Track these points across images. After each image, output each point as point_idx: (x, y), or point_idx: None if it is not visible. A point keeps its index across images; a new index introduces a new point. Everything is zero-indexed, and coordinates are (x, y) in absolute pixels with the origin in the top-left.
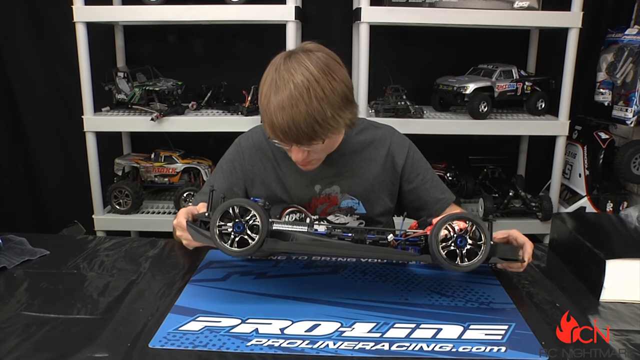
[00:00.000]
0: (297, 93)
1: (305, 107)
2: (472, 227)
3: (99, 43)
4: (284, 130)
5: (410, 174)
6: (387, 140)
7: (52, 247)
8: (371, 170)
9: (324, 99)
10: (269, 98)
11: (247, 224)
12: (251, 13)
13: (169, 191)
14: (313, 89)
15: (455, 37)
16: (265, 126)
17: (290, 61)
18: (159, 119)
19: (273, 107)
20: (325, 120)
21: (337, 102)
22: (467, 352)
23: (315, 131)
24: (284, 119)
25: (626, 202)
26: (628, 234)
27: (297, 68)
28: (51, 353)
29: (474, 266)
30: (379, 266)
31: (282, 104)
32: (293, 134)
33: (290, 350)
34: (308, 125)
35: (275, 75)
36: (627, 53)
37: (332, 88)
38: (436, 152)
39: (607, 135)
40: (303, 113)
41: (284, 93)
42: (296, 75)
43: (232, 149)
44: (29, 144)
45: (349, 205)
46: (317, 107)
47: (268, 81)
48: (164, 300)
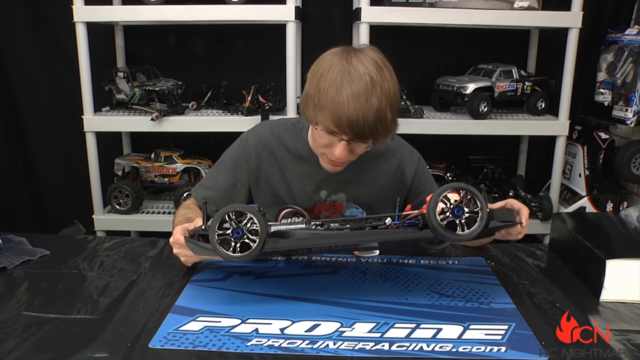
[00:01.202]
0: (372, 87)
1: (377, 103)
2: (467, 197)
3: (99, 43)
4: (351, 121)
5: (417, 188)
6: (397, 152)
7: (52, 247)
8: (379, 181)
9: (389, 100)
10: (339, 85)
11: (246, 228)
12: (251, 13)
13: (169, 191)
14: (385, 87)
15: (455, 37)
16: (325, 114)
17: (358, 55)
18: (159, 119)
19: (346, 96)
20: (386, 121)
21: (395, 106)
22: (467, 352)
23: (377, 130)
24: (355, 110)
25: (626, 202)
26: (628, 234)
27: (370, 62)
28: (51, 353)
29: (475, 232)
30: (379, 266)
31: (357, 94)
32: (359, 127)
33: (290, 350)
34: (374, 121)
35: (347, 65)
36: (627, 53)
37: (395, 91)
38: (436, 152)
39: (607, 135)
40: (374, 108)
41: (360, 84)
42: (371, 69)
43: (237, 145)
44: (29, 144)
45: (353, 215)
46: (385, 106)
47: (337, 69)
48: (164, 300)
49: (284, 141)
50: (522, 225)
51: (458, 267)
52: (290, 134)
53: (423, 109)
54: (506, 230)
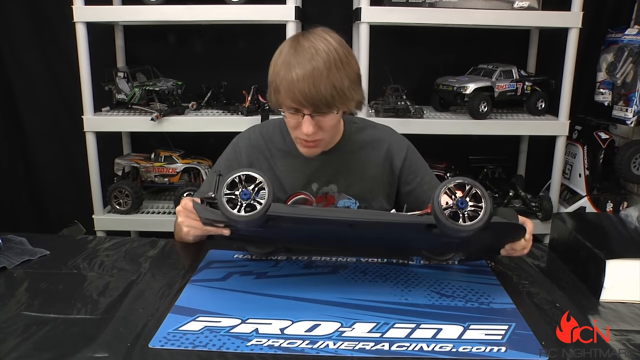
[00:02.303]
0: (320, 58)
1: (327, 72)
2: (471, 192)
3: (99, 43)
4: (304, 93)
5: (408, 176)
6: (385, 141)
7: (52, 247)
8: (369, 170)
9: (342, 70)
10: (289, 64)
11: (254, 192)
12: (251, 13)
13: (169, 191)
14: (334, 57)
15: (455, 37)
16: (281, 94)
17: (309, 34)
18: (159, 119)
19: (295, 72)
20: (343, 89)
21: (352, 76)
22: (467, 352)
23: (333, 98)
24: (305, 81)
25: (626, 202)
26: (628, 234)
27: (317, 38)
28: (51, 353)
29: (478, 225)
30: (379, 266)
31: (304, 67)
32: (313, 97)
33: (290, 350)
34: (327, 90)
35: (295, 44)
36: (627, 53)
37: (349, 62)
38: (436, 152)
39: (607, 135)
40: (324, 77)
41: (306, 57)
42: (317, 44)
43: (229, 149)
44: (29, 144)
45: (346, 205)
46: (337, 75)
47: (286, 51)
48: (164, 300)
49: (273, 140)
50: (526, 239)
51: (458, 267)
52: (277, 132)
53: (423, 109)
54: (511, 246)
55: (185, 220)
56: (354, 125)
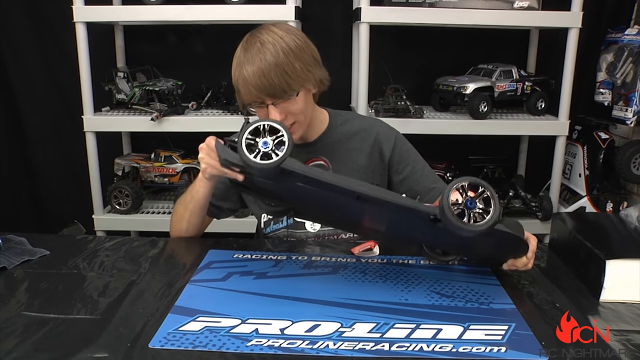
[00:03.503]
0: (265, 49)
1: (274, 59)
2: (483, 195)
3: (99, 43)
4: (257, 85)
5: (399, 165)
6: (373, 131)
7: (52, 247)
8: (358, 160)
9: (291, 53)
10: (241, 64)
11: (274, 143)
12: (251, 13)
13: (169, 191)
14: (279, 44)
15: (455, 37)
16: (241, 93)
17: (256, 30)
18: (159, 119)
19: (246, 69)
20: (295, 72)
21: (304, 57)
22: (467, 352)
23: (287, 83)
24: (255, 74)
25: (626, 202)
26: (628, 234)
27: (262, 32)
28: (51, 353)
29: (483, 227)
30: (379, 266)
31: (252, 61)
32: (265, 87)
33: (290, 351)
34: (278, 76)
35: (244, 44)
36: (627, 53)
37: (297, 44)
38: (436, 152)
39: (607, 135)
40: (272, 65)
41: (252, 52)
42: (262, 36)
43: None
44: (29, 144)
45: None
46: (285, 60)
47: (238, 53)
48: (164, 300)
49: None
50: (528, 257)
51: (458, 268)
52: None
53: (423, 109)
54: (512, 262)
55: (205, 157)
56: (340, 117)
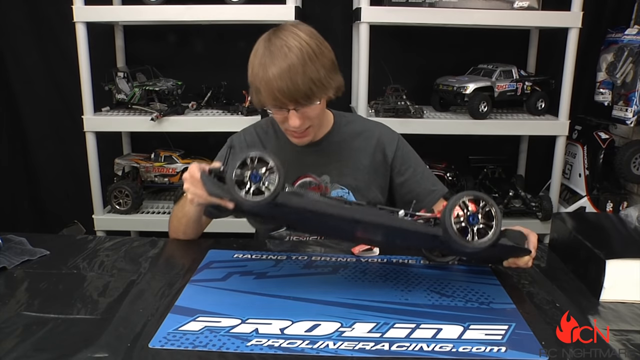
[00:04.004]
0: (293, 55)
1: (302, 67)
2: (485, 209)
3: (99, 43)
4: (283, 91)
5: (401, 167)
6: (376, 132)
7: (52, 247)
8: (361, 160)
9: (317, 60)
10: (264, 65)
11: (264, 176)
12: (251, 13)
13: (169, 191)
14: (306, 50)
15: (455, 37)
16: (262, 94)
17: (280, 31)
18: (159, 119)
19: (271, 72)
20: (320, 80)
21: (327, 64)
22: (467, 352)
23: (312, 90)
24: (282, 80)
25: (626, 202)
26: (628, 234)
27: (287, 35)
28: (51, 353)
29: (486, 244)
30: (379, 266)
31: (279, 66)
32: (292, 94)
33: (290, 351)
34: (305, 84)
35: (268, 44)
36: (627, 53)
37: (321, 51)
38: (436, 152)
39: (607, 135)
40: (300, 73)
41: (280, 56)
42: (289, 41)
43: (224, 148)
44: (29, 144)
45: (340, 195)
46: (312, 67)
47: (260, 52)
48: (164, 300)
49: (267, 136)
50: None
51: (458, 267)
52: (270, 128)
53: (423, 109)
54: (514, 260)
55: (191, 188)
56: (344, 118)
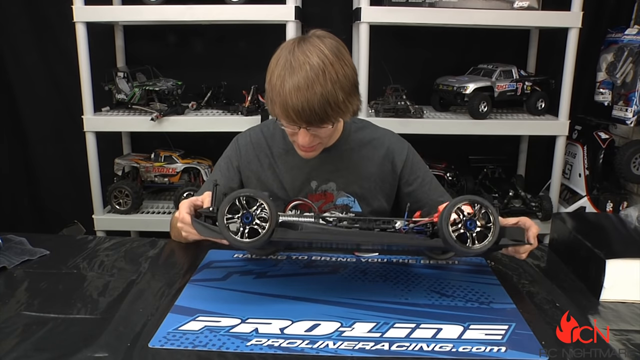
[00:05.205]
0: (314, 74)
1: (321, 89)
2: (480, 211)
3: (99, 43)
4: (297, 111)
5: (409, 176)
6: (385, 140)
7: (52, 247)
8: (368, 168)
9: (337, 83)
10: (283, 78)
11: (256, 214)
12: (251, 13)
13: (169, 191)
14: (328, 71)
15: (455, 37)
16: (276, 107)
17: (305, 44)
18: (159, 119)
19: (288, 88)
20: (337, 103)
21: (348, 87)
22: (467, 352)
23: (327, 114)
24: (298, 100)
25: (626, 202)
26: (628, 234)
27: (312, 50)
28: (51, 353)
29: (485, 248)
30: (379, 266)
31: (297, 85)
32: (306, 115)
33: (290, 350)
34: (321, 107)
35: (290, 57)
36: (627, 53)
37: (345, 73)
38: (436, 152)
39: (607, 135)
40: (318, 95)
41: (300, 74)
42: (312, 57)
43: (229, 148)
44: (29, 144)
45: (345, 203)
46: (331, 90)
47: (282, 62)
48: (163, 300)
49: (274, 138)
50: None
51: (458, 267)
52: (278, 131)
53: (423, 109)
54: (514, 248)
55: (185, 227)
56: (354, 125)
